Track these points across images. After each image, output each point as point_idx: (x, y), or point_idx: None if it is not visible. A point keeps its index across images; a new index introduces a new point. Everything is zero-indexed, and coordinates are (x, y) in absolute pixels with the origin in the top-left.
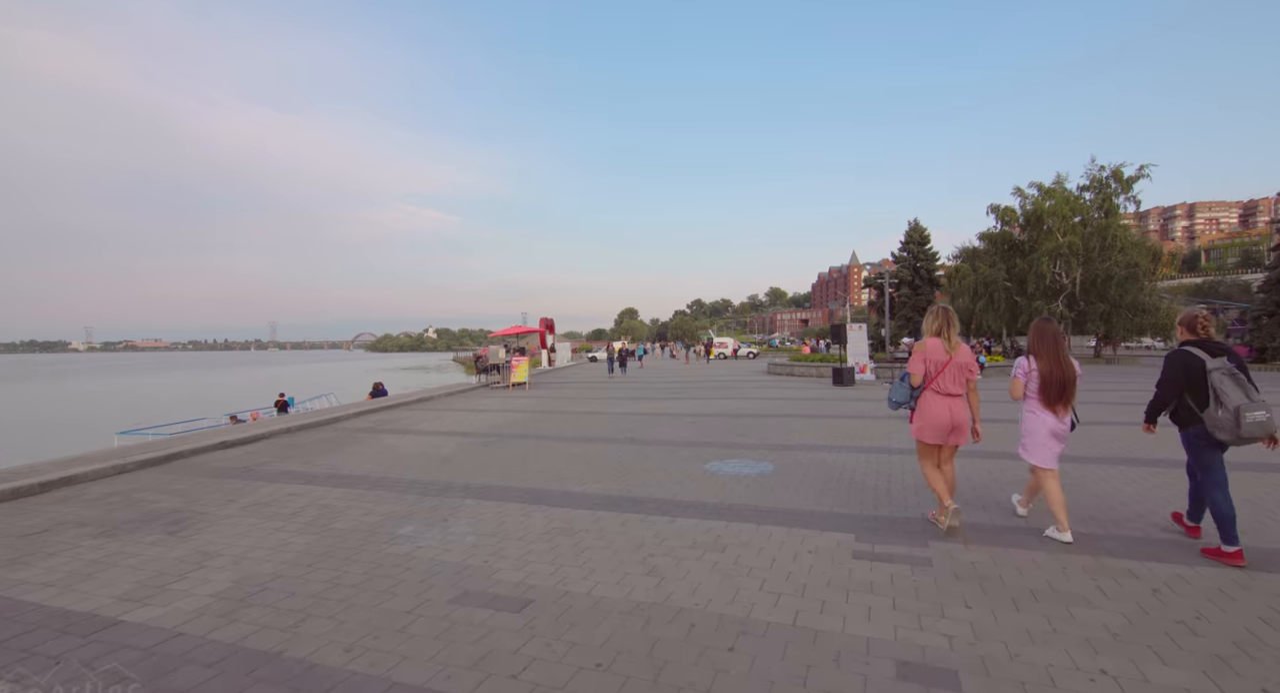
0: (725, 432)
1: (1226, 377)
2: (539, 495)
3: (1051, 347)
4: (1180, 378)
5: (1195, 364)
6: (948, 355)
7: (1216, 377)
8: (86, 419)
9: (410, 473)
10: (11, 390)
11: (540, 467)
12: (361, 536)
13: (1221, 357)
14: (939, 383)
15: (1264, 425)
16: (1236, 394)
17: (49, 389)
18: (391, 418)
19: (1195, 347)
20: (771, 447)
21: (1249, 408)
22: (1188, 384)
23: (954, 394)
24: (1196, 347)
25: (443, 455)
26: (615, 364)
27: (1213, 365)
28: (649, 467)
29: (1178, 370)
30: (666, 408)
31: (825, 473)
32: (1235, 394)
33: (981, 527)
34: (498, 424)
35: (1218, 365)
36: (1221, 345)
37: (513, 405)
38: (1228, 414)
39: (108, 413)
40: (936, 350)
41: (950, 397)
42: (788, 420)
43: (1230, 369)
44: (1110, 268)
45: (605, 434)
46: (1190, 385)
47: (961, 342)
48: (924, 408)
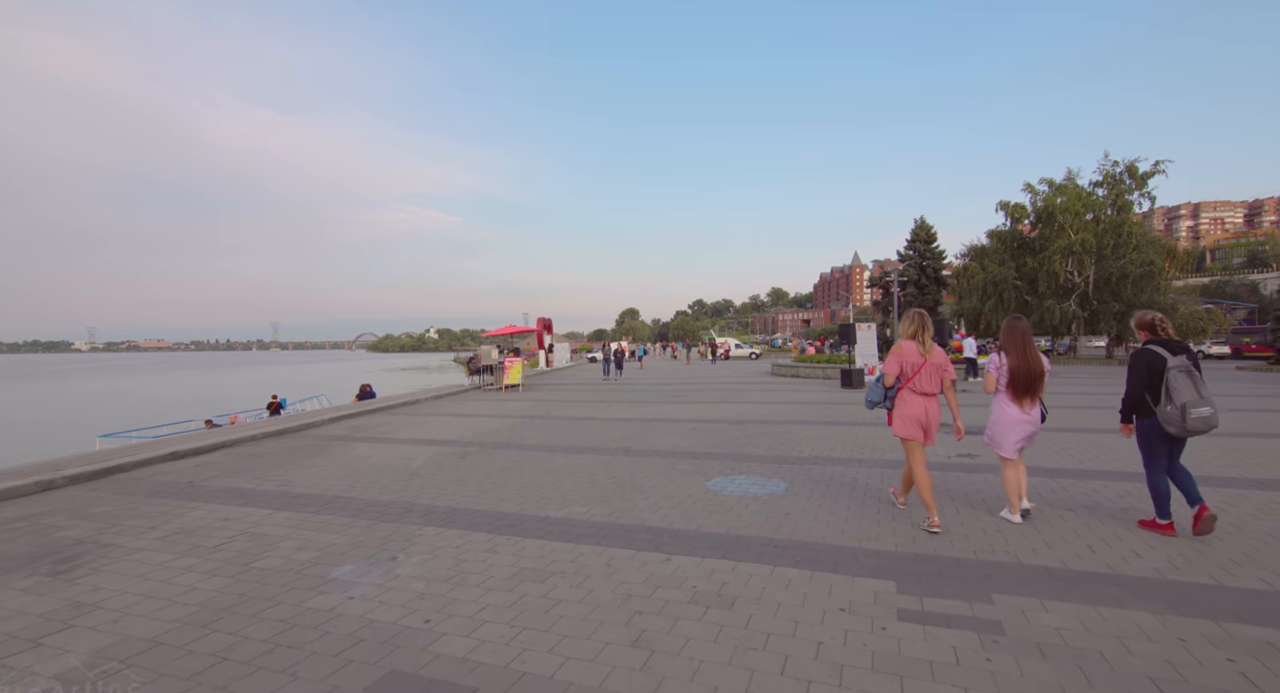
0: (729, 441)
1: (1182, 374)
2: (512, 522)
3: (1020, 343)
4: (1144, 374)
5: (1157, 362)
6: (923, 357)
7: (1173, 374)
8: (77, 420)
9: (371, 491)
10: (7, 390)
11: (520, 484)
12: (286, 579)
13: (1181, 355)
14: (915, 383)
15: (1207, 420)
16: (1187, 392)
17: (45, 389)
18: (370, 423)
19: (1157, 345)
20: (782, 459)
21: (1195, 404)
22: (1149, 380)
23: (929, 393)
24: (1158, 345)
25: (413, 469)
26: (611, 366)
27: (1173, 363)
28: (643, 484)
29: (1142, 367)
30: (666, 413)
31: (847, 493)
32: (1186, 391)
33: (1056, 572)
34: (482, 431)
35: (1177, 363)
36: (1181, 344)
37: (503, 410)
38: (1175, 409)
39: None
40: (912, 352)
41: (926, 396)
42: (797, 428)
43: (1187, 367)
44: (1125, 266)
45: (598, 443)
46: (1151, 381)
47: (935, 344)
48: (902, 406)
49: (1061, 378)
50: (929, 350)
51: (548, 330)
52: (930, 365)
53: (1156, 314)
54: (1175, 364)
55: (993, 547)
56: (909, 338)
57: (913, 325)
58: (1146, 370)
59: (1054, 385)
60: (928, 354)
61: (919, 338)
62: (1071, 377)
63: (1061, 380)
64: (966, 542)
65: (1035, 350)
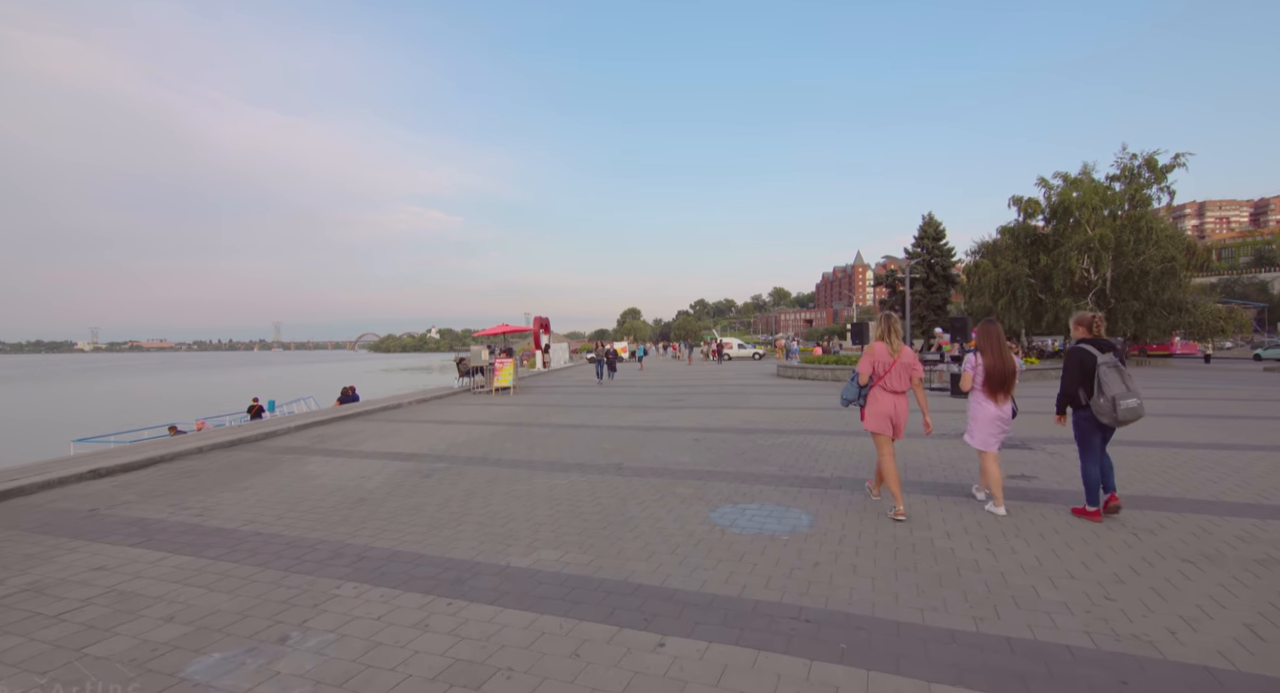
0: (737, 456)
1: (1111, 370)
2: (461, 575)
3: (995, 345)
4: (1078, 370)
5: (1089, 359)
6: (892, 357)
7: (1103, 370)
8: (62, 422)
9: (301, 524)
10: (3, 391)
11: (485, 514)
12: (113, 680)
13: (1109, 353)
14: (886, 381)
15: (1134, 410)
16: (1116, 385)
17: (38, 390)
18: (338, 432)
19: (1088, 344)
20: (800, 481)
21: (1124, 396)
22: (1083, 377)
23: (898, 391)
24: (1089, 344)
25: (363, 493)
26: (604, 368)
27: (1102, 360)
28: (634, 516)
29: (1075, 364)
30: (665, 420)
31: (887, 531)
32: (1115, 385)
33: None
34: (459, 442)
35: (1106, 360)
36: (1109, 342)
37: (488, 415)
38: (1107, 401)
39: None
40: (882, 353)
41: (896, 394)
42: (813, 439)
43: (1114, 363)
44: (1145, 262)
45: (586, 458)
46: (1083, 377)
47: (905, 344)
48: (872, 402)
49: None
50: (897, 351)
51: (545, 330)
52: (899, 365)
53: (1097, 314)
54: (1104, 360)
55: (1112, 627)
56: (879, 339)
57: (880, 327)
58: (1079, 367)
59: None
60: (896, 354)
61: (888, 339)
62: None
63: None
64: (1067, 613)
65: (1008, 351)
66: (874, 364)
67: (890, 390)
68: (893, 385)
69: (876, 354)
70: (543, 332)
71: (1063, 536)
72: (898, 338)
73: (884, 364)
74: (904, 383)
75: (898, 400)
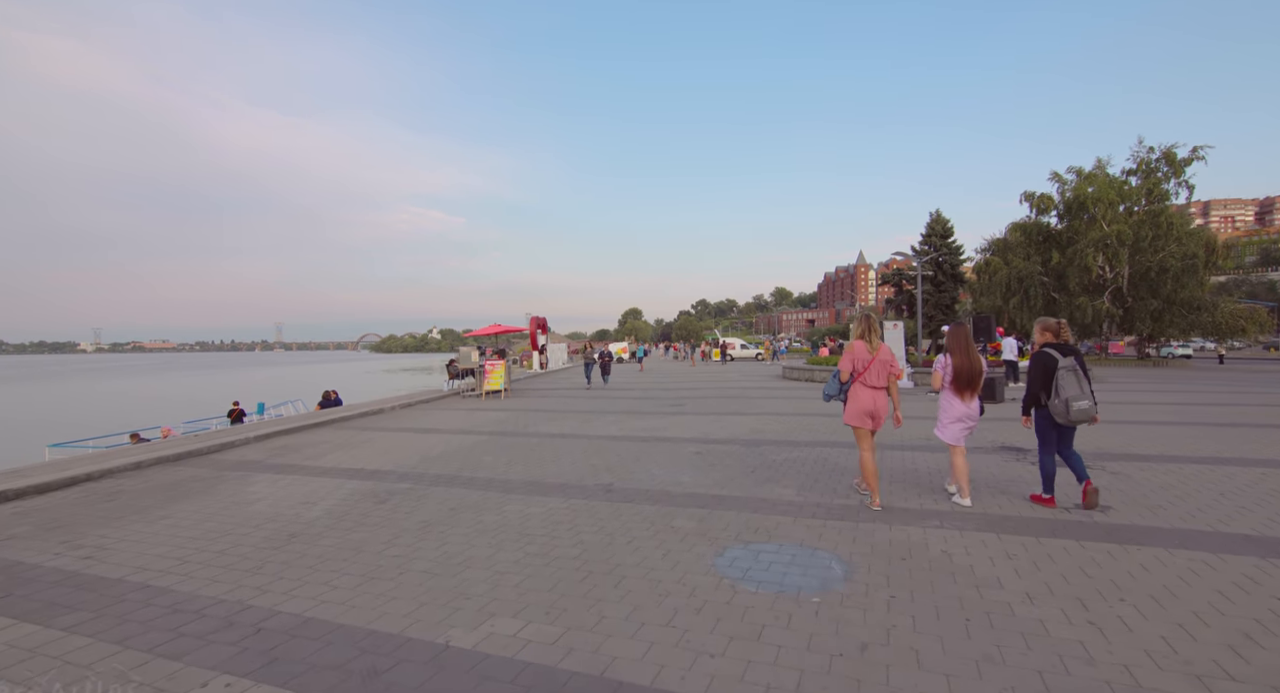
0: (746, 474)
1: (1069, 373)
2: (379, 663)
3: (963, 345)
4: (1041, 373)
5: (1051, 362)
6: (871, 355)
7: (1062, 373)
8: (46, 424)
9: (204, 573)
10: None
11: (436, 559)
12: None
13: (1070, 357)
14: (865, 377)
15: (1086, 412)
16: (1072, 388)
17: (33, 391)
18: (300, 443)
19: (1052, 348)
20: (824, 510)
21: (1076, 398)
22: (1045, 379)
23: (877, 387)
24: (1053, 348)
25: (300, 525)
26: (595, 370)
27: (1063, 364)
28: (622, 562)
29: (1039, 367)
30: (664, 429)
31: (951, 592)
32: (1070, 388)
33: None
34: (432, 456)
35: (1066, 364)
36: (1071, 347)
37: (472, 423)
38: (1061, 403)
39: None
40: (862, 351)
41: (875, 389)
42: (832, 453)
43: (1074, 366)
44: (1164, 259)
45: (572, 477)
46: (1045, 379)
47: (883, 343)
48: (853, 397)
49: (1121, 383)
50: (876, 349)
51: (542, 330)
52: (878, 362)
53: (1061, 320)
54: (1065, 364)
55: None
56: (859, 337)
57: (860, 327)
58: (1043, 370)
59: (1139, 392)
60: (875, 352)
61: (867, 338)
62: (1132, 381)
63: (1125, 384)
64: None
65: (976, 352)
66: (854, 361)
67: (869, 386)
68: (872, 382)
69: (856, 352)
70: (540, 331)
71: (1185, 601)
72: (877, 337)
73: (863, 361)
74: (882, 379)
75: (876, 396)
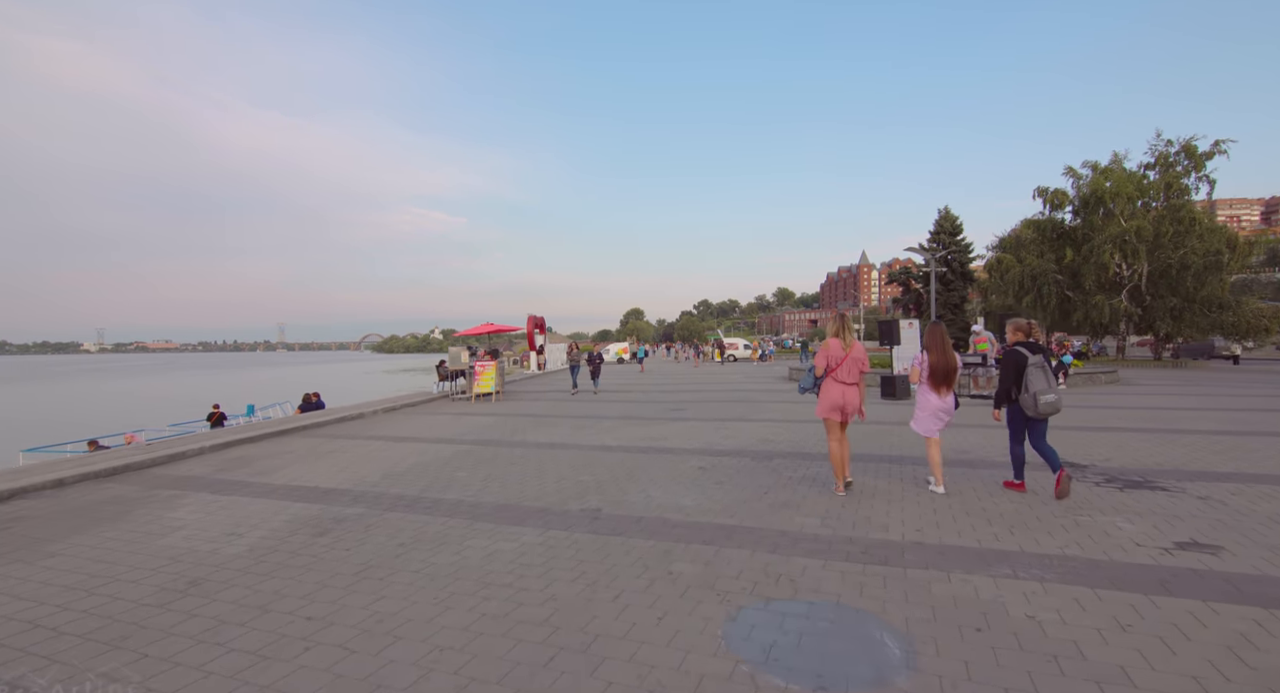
0: (758, 497)
1: (1037, 369)
2: None
3: (940, 344)
4: (1013, 370)
5: (1021, 359)
6: (844, 352)
7: (1031, 369)
8: (28, 426)
9: (31, 653)
10: None
11: (356, 626)
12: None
13: (1039, 355)
14: (838, 373)
15: (1052, 404)
16: (1039, 382)
17: (35, 391)
18: (261, 453)
19: (1022, 347)
20: (860, 548)
21: (1044, 392)
22: (1016, 375)
23: (849, 382)
24: (1023, 347)
25: (210, 567)
26: (582, 374)
27: (1032, 361)
28: (601, 630)
29: (1011, 364)
30: (664, 437)
31: (1056, 690)
32: (1038, 382)
33: None
34: (399, 471)
35: (1035, 361)
36: (1039, 346)
37: (455, 430)
38: (1029, 397)
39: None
40: (835, 348)
41: (846, 384)
42: (858, 470)
43: (1042, 364)
44: (1186, 256)
45: (555, 500)
46: (1018, 375)
47: (856, 340)
48: (825, 391)
49: (1149, 385)
50: (849, 346)
51: (540, 329)
52: (850, 359)
53: (1031, 321)
54: (1034, 361)
55: None
56: (833, 336)
57: (835, 325)
58: (1014, 367)
59: (1165, 395)
60: (848, 349)
61: (841, 336)
62: (1159, 383)
63: (1150, 387)
64: None
65: (951, 350)
66: (828, 358)
67: (841, 381)
68: (843, 377)
69: (830, 349)
70: (538, 331)
71: None
72: (850, 335)
73: (837, 358)
74: (854, 375)
75: (847, 390)
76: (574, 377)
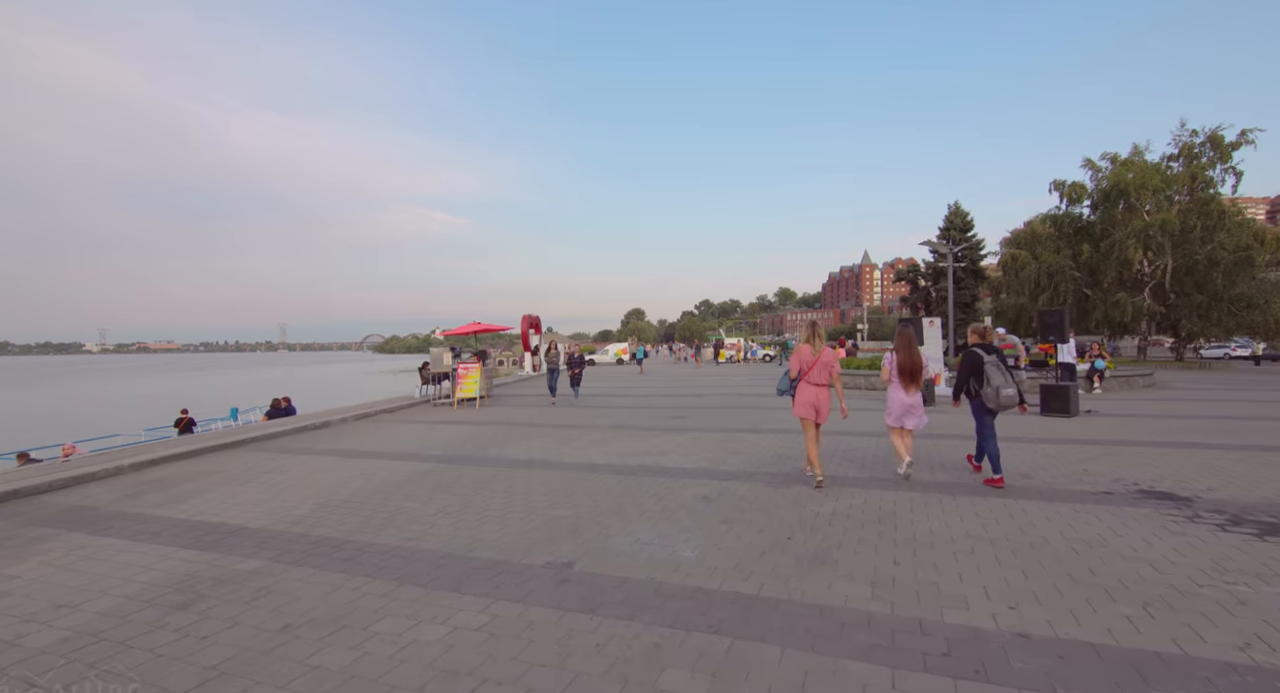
0: (779, 545)
1: (995, 367)
2: None
3: (907, 344)
4: (970, 367)
5: (978, 359)
6: (814, 357)
7: (989, 367)
8: (16, 429)
9: None
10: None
11: None
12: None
13: (994, 355)
14: (810, 376)
15: (1011, 398)
16: (998, 379)
17: (11, 396)
18: (181, 475)
19: (979, 348)
20: (935, 637)
21: (1003, 386)
22: (973, 371)
23: (819, 384)
24: (979, 348)
25: (43, 643)
26: (561, 379)
27: (988, 360)
28: None
29: (969, 363)
30: (660, 452)
31: None
32: (997, 379)
33: None
34: (335, 501)
35: (991, 360)
36: (994, 347)
37: (424, 443)
38: (991, 390)
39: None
40: (806, 353)
41: (817, 386)
42: (898, 502)
43: (997, 362)
44: (1214, 251)
45: (516, 546)
46: (975, 372)
47: (826, 346)
48: (799, 393)
49: (1192, 389)
50: (818, 351)
51: (535, 329)
52: (820, 363)
53: (987, 326)
54: (990, 360)
55: None
56: (805, 342)
57: (805, 332)
58: (970, 365)
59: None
60: (818, 354)
61: (811, 342)
62: (1203, 386)
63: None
64: None
65: (917, 350)
66: (800, 362)
67: (812, 383)
68: (814, 379)
69: (802, 355)
70: (533, 331)
71: None
72: (820, 341)
73: (808, 362)
74: (824, 377)
75: (818, 392)
76: (551, 382)
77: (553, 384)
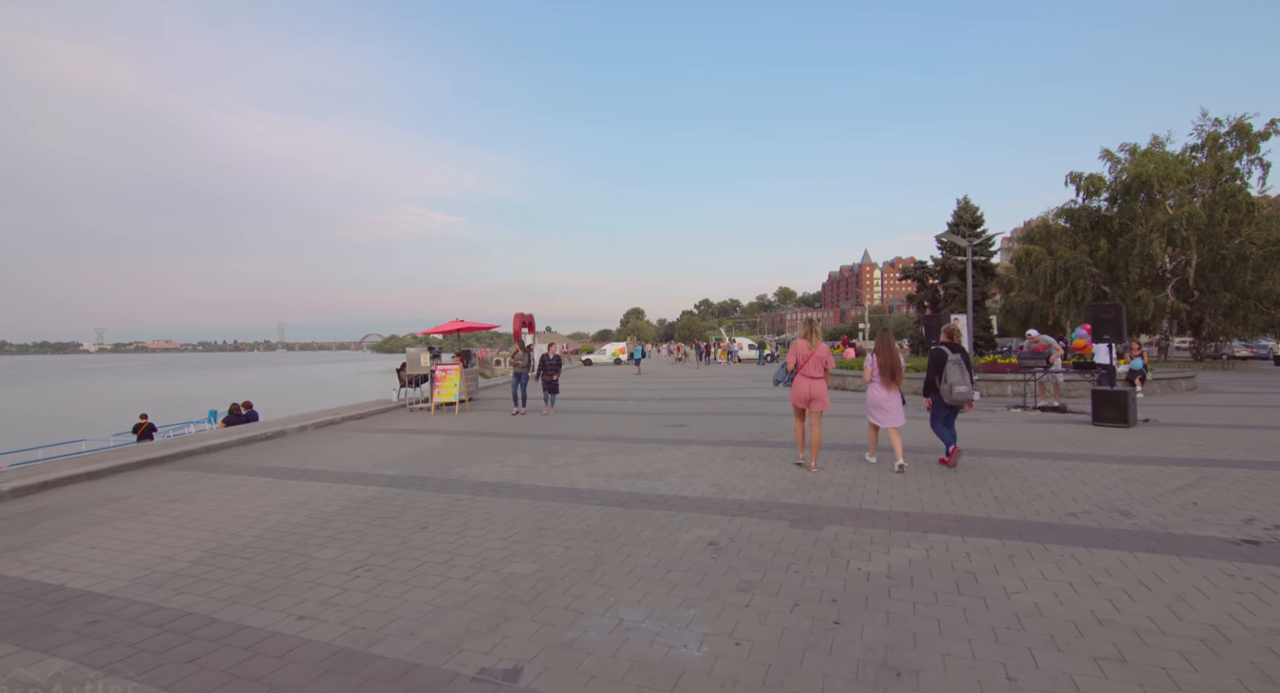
0: (825, 635)
1: (956, 365)
2: None
3: (886, 346)
4: (934, 365)
5: (942, 356)
6: (810, 351)
7: (949, 365)
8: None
9: None
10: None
11: None
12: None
13: (958, 353)
14: (805, 369)
15: (964, 394)
16: (956, 376)
17: (31, 393)
18: (69, 502)
19: (945, 346)
20: None
21: (958, 384)
22: (937, 369)
23: (814, 377)
24: (946, 346)
25: None
26: (521, 387)
27: (951, 358)
28: None
29: (933, 360)
30: (657, 474)
31: None
32: (955, 376)
33: None
34: (234, 544)
35: (954, 358)
36: (959, 346)
37: (380, 458)
38: (947, 388)
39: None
40: (803, 347)
41: (811, 379)
42: (975, 553)
43: (959, 360)
44: (1242, 246)
45: (441, 638)
46: (939, 369)
47: (821, 342)
48: (795, 384)
49: (1232, 392)
50: (815, 346)
51: (528, 328)
52: (815, 357)
53: (956, 327)
54: (953, 358)
55: None
56: (802, 337)
57: (803, 329)
58: (935, 362)
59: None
60: (813, 349)
61: (809, 338)
62: (1243, 387)
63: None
64: None
65: (896, 352)
66: (797, 356)
67: (807, 376)
68: (809, 372)
69: (799, 349)
70: (525, 331)
71: None
72: (817, 337)
73: (804, 356)
74: (819, 370)
75: (813, 384)
76: (517, 389)
77: (519, 392)
